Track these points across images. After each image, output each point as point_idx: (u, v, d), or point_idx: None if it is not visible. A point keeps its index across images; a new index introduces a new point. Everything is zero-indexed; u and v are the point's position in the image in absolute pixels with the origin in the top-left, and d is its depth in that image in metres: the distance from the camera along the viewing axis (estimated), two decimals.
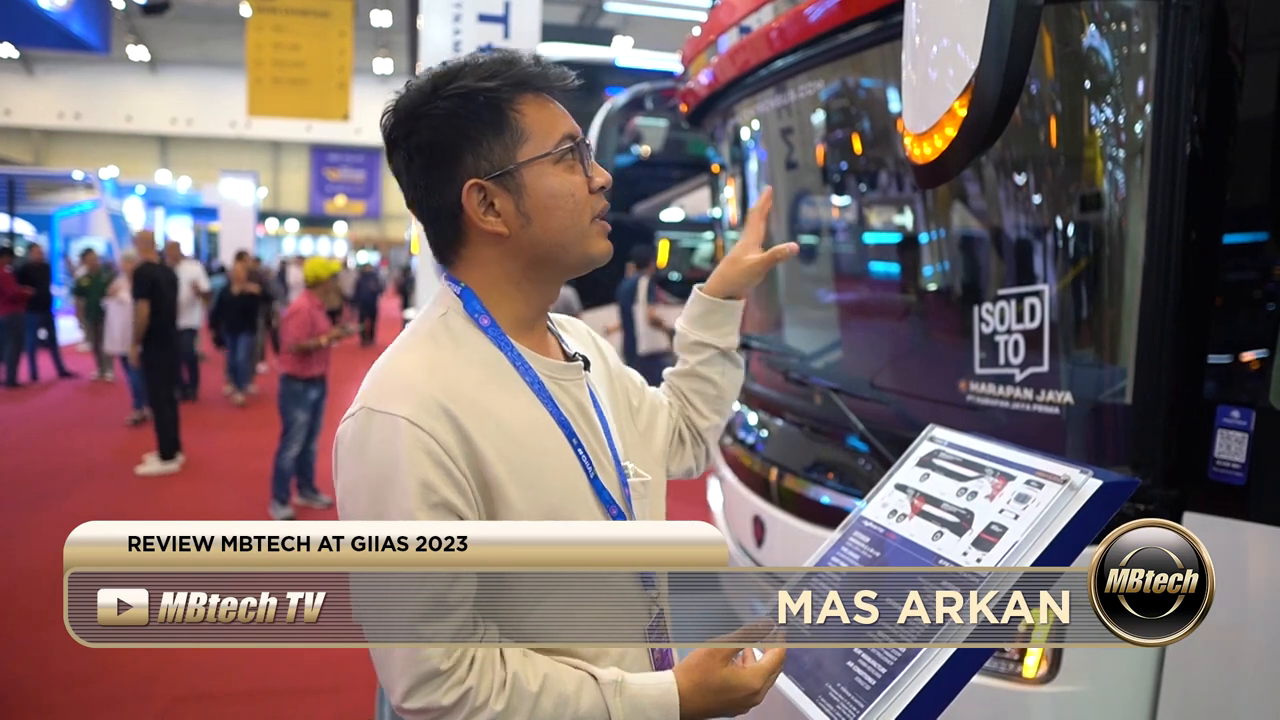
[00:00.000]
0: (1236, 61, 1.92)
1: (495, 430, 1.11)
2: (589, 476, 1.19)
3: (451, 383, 1.11)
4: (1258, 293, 1.94)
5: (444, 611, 1.04)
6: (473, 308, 1.19)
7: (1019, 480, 1.45)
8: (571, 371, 1.25)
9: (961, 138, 1.50)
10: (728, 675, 1.14)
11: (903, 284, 2.99)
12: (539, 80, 1.17)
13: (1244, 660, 1.89)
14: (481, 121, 1.13)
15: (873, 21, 2.51)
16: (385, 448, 1.06)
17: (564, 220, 1.16)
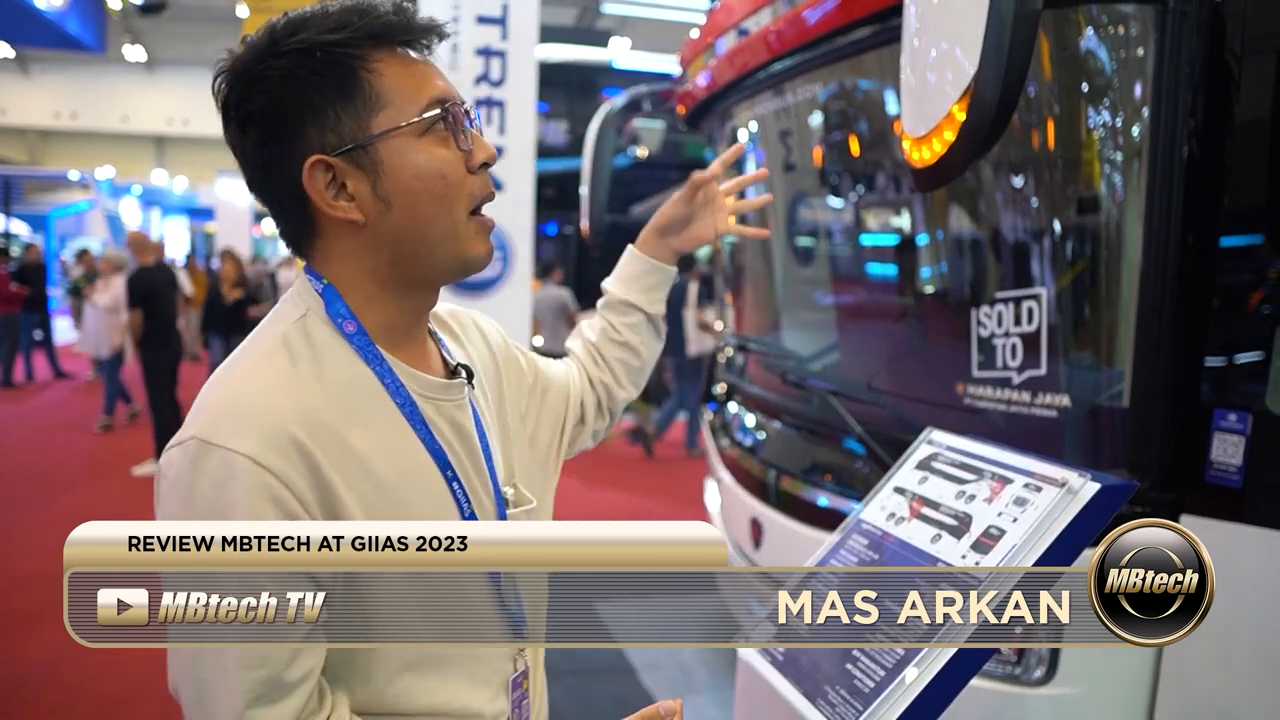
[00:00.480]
0: (1233, 65, 1.92)
1: (356, 468, 0.92)
2: (463, 514, 1.01)
3: (309, 409, 0.90)
4: (1255, 296, 1.95)
5: (285, 691, 0.88)
6: (336, 310, 0.97)
7: (1017, 483, 1.46)
8: (453, 391, 1.04)
9: (960, 142, 1.51)
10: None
11: (900, 286, 3.00)
12: (400, 31, 0.94)
13: (1241, 662, 1.90)
14: (326, 84, 0.91)
15: (870, 25, 2.52)
16: (219, 492, 0.86)
17: (432, 208, 0.94)
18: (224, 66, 0.96)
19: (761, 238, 1.39)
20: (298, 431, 0.88)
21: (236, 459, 0.85)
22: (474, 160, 0.96)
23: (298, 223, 0.98)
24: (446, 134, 0.95)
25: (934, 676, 1.27)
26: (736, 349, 4.13)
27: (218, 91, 0.97)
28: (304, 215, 0.97)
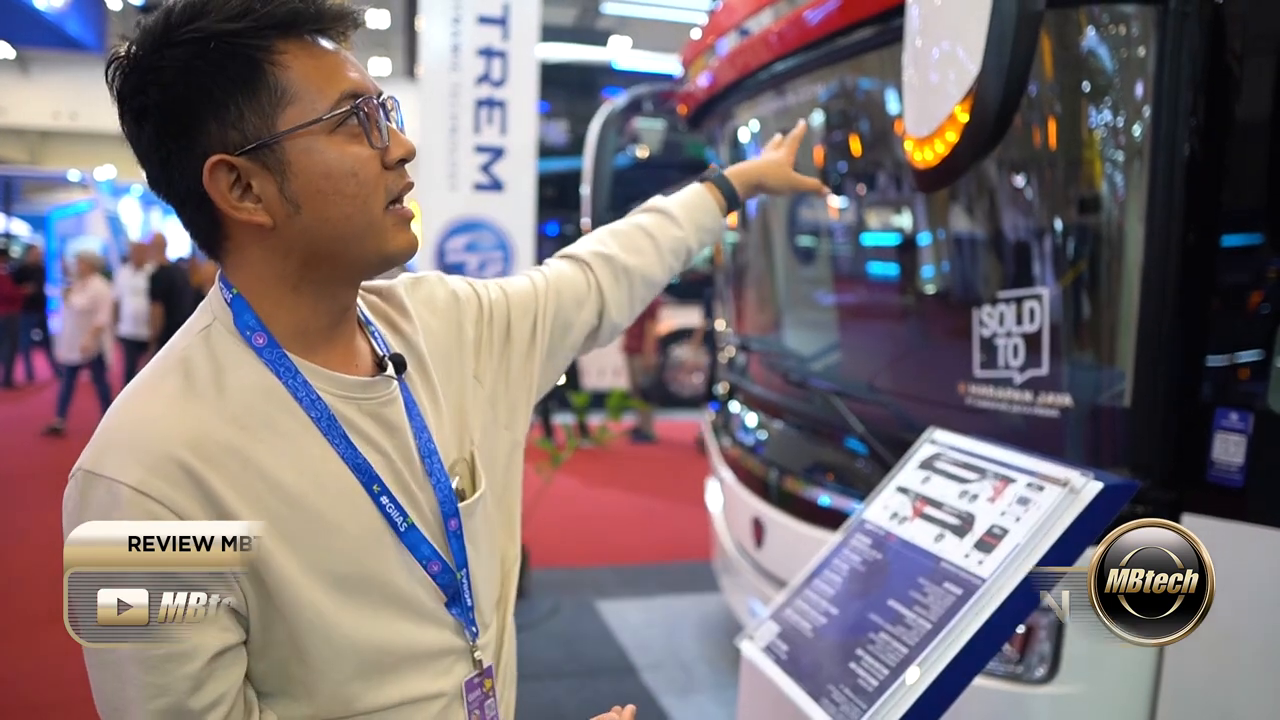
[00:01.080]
0: (1234, 65, 1.93)
1: (261, 488, 0.87)
2: (398, 530, 0.95)
3: (202, 429, 0.85)
4: (1255, 295, 1.95)
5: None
6: (244, 321, 0.91)
7: (1020, 483, 1.46)
8: (378, 388, 0.97)
9: (963, 143, 1.51)
10: None
11: (902, 286, 3.00)
12: (308, 20, 0.88)
13: (1242, 661, 1.91)
14: (226, 77, 0.84)
15: (872, 26, 2.52)
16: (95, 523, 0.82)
17: (344, 208, 0.88)
18: (115, 54, 0.88)
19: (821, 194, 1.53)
20: (185, 455, 0.84)
21: (120, 489, 0.82)
22: (390, 156, 0.91)
23: (203, 225, 0.92)
24: (359, 130, 0.89)
25: (937, 675, 1.28)
26: (738, 348, 4.14)
27: (110, 81, 0.88)
28: (209, 217, 0.91)
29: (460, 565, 1.01)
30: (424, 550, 0.97)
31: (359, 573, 0.92)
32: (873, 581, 1.52)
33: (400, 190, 0.92)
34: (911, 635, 1.35)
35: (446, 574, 0.99)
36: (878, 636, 1.40)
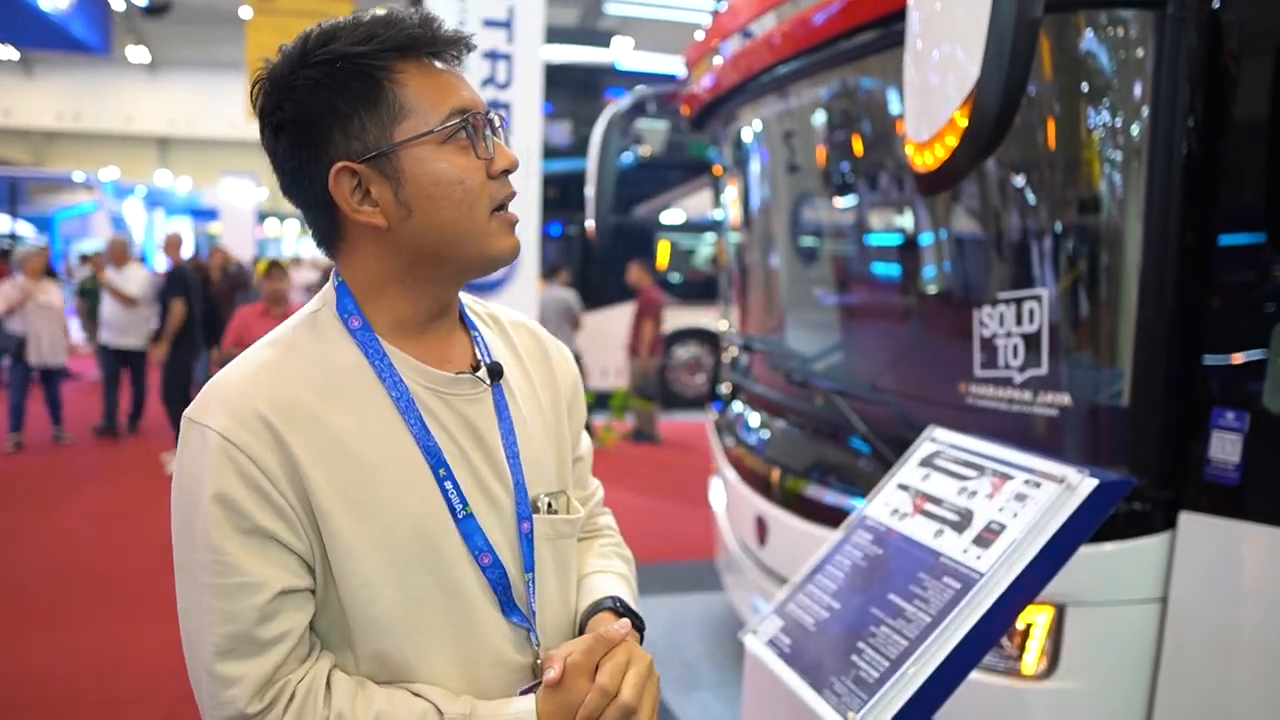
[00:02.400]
0: (1231, 67, 1.95)
1: (333, 450, 0.95)
2: (455, 516, 1.00)
3: (285, 392, 0.95)
4: (1253, 295, 1.98)
5: (258, 649, 0.92)
6: (344, 306, 1.03)
7: (1018, 480, 1.49)
8: (462, 385, 1.05)
9: (963, 147, 1.54)
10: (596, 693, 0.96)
11: (903, 287, 3.03)
12: (424, 43, 0.98)
13: (1238, 656, 1.93)
14: (351, 94, 0.95)
15: (874, 29, 2.55)
16: (194, 464, 0.93)
17: (451, 213, 0.98)
18: (261, 75, 0.99)
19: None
20: (268, 412, 0.93)
21: (208, 434, 0.92)
22: (494, 167, 0.99)
23: (324, 226, 1.03)
24: (467, 143, 0.98)
25: (937, 666, 1.31)
26: (741, 348, 4.16)
27: (254, 98, 1.00)
28: (331, 219, 1.01)
29: (528, 569, 1.06)
30: (477, 540, 1.02)
31: (409, 548, 0.98)
32: (874, 576, 1.55)
33: (504, 198, 1.01)
34: (911, 628, 1.38)
35: (497, 568, 1.03)
36: (878, 629, 1.43)
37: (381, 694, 0.96)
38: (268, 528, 0.92)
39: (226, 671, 0.91)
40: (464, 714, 0.95)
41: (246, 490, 0.92)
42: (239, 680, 0.91)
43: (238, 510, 0.91)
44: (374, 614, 0.97)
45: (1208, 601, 1.98)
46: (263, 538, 0.93)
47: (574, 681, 0.96)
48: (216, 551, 0.91)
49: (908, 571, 1.49)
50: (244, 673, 0.91)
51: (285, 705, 0.92)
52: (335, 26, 0.96)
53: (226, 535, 0.91)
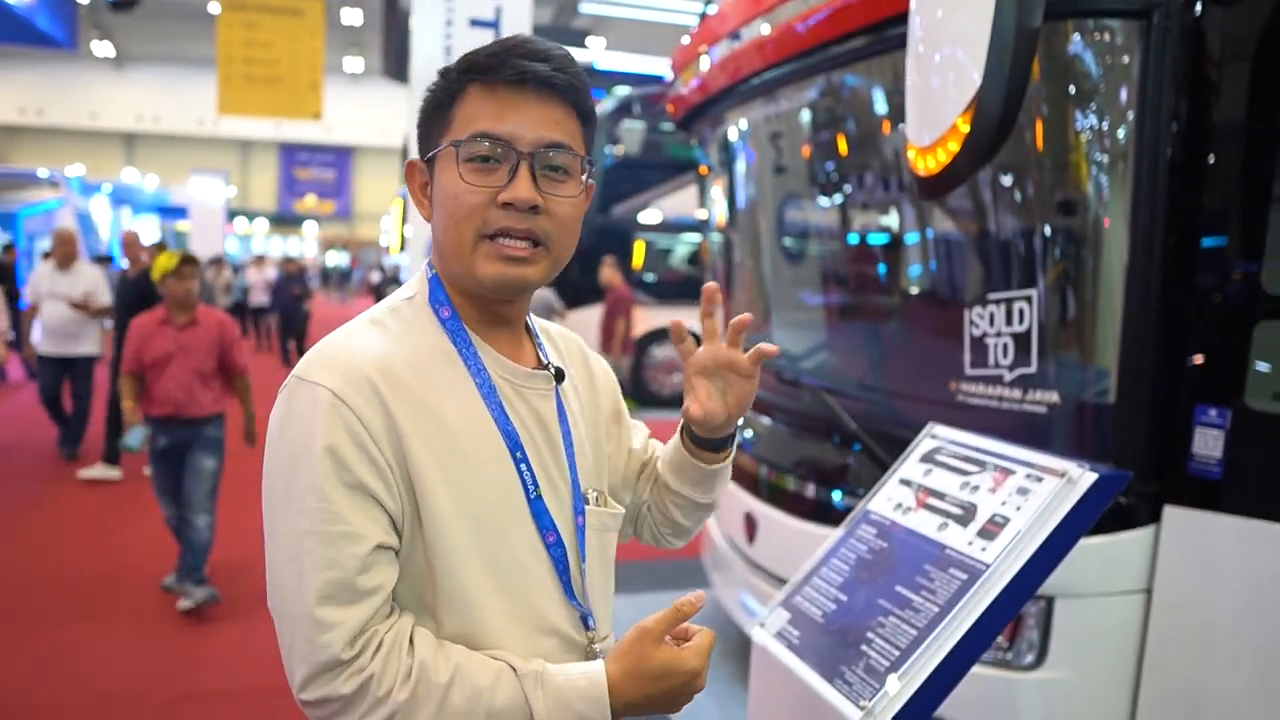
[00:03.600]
0: (1213, 74, 2.02)
1: (429, 422, 1.03)
2: (528, 495, 1.08)
3: (389, 364, 1.03)
4: (1234, 295, 2.04)
5: (355, 597, 0.97)
6: (435, 298, 1.11)
7: (1019, 474, 1.54)
8: (536, 380, 1.14)
9: (965, 151, 1.58)
10: (664, 658, 1.00)
11: (893, 287, 3.08)
12: (486, 70, 1.05)
13: (1219, 645, 1.99)
14: (434, 103, 1.09)
15: (864, 36, 2.60)
16: (305, 419, 0.99)
17: (444, 223, 1.06)
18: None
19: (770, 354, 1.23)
20: (375, 377, 1.00)
21: (321, 391, 0.98)
22: (499, 196, 1.03)
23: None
24: (483, 166, 1.03)
25: (948, 653, 1.35)
26: None
27: None
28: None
29: (583, 559, 1.13)
30: (545, 520, 1.09)
31: (491, 518, 1.05)
32: (880, 569, 1.59)
33: (496, 227, 1.03)
34: (920, 618, 1.43)
35: (559, 548, 1.10)
36: (887, 620, 1.47)
37: (459, 650, 1.01)
38: (368, 484, 0.98)
39: (326, 616, 0.95)
40: (537, 671, 0.99)
41: (353, 446, 0.97)
42: (336, 625, 0.95)
43: (344, 463, 0.97)
44: (460, 581, 1.03)
45: (1190, 592, 2.05)
46: (363, 493, 0.98)
47: (643, 646, 1.00)
48: (324, 499, 0.96)
49: (914, 564, 1.53)
50: (342, 619, 0.96)
51: (374, 653, 0.97)
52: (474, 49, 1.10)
53: (334, 485, 0.96)
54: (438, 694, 0.96)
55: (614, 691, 0.99)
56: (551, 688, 0.98)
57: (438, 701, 0.96)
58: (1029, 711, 2.16)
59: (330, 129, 31.65)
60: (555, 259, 1.09)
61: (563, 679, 0.99)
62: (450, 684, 0.97)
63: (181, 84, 31.97)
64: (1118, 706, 2.15)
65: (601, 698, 0.98)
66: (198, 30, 24.86)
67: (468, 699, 0.97)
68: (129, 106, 32.87)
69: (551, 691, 0.98)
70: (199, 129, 32.80)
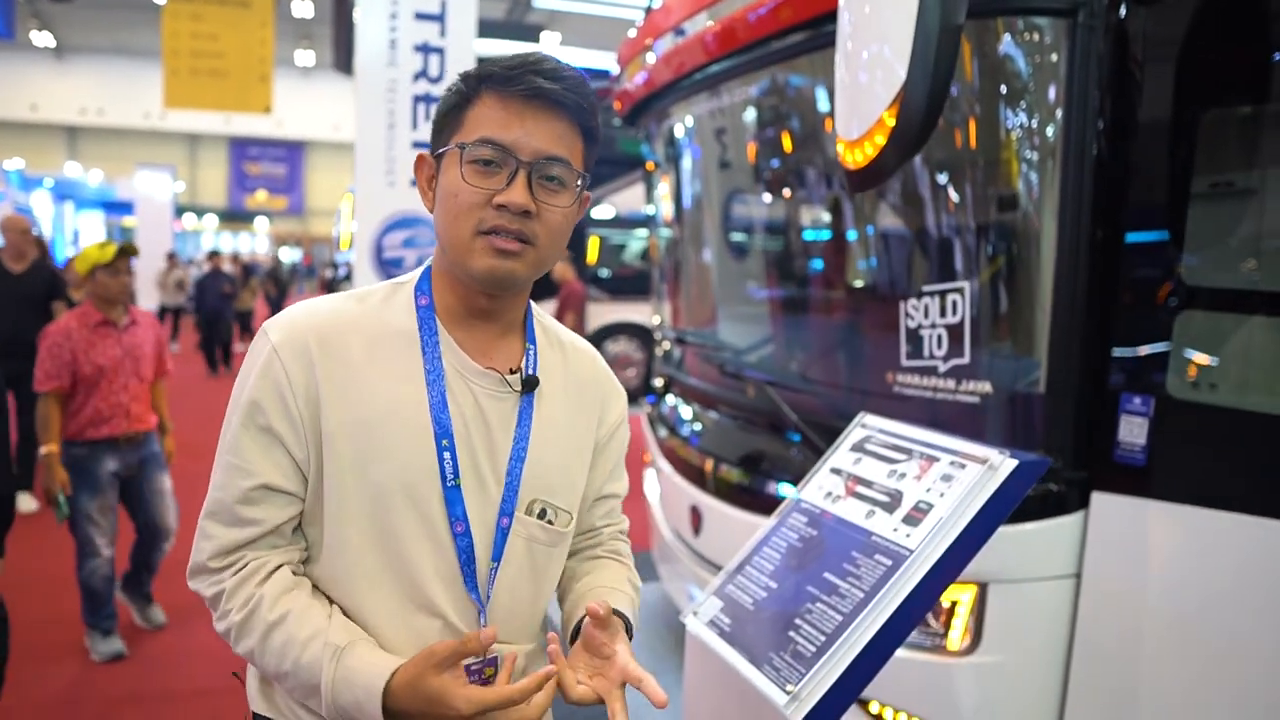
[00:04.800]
0: (1136, 72, 2.07)
1: (353, 391, 1.13)
2: (444, 481, 1.14)
3: (335, 333, 1.15)
4: (1158, 289, 2.10)
5: (233, 521, 1.12)
6: (420, 286, 1.22)
7: (944, 462, 1.58)
8: (488, 380, 1.19)
9: (891, 145, 1.61)
10: (437, 687, 1.03)
11: (831, 281, 3.12)
12: (499, 80, 1.14)
13: (1146, 626, 2.05)
14: (451, 104, 1.17)
15: (804, 30, 2.62)
16: (251, 363, 1.15)
17: (444, 219, 1.15)
18: None
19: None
20: (312, 341, 1.13)
21: (267, 344, 1.13)
22: (494, 198, 1.11)
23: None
24: (482, 168, 1.12)
25: (871, 638, 1.38)
26: (674, 342, 4.22)
27: None
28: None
29: (495, 559, 1.18)
30: (457, 510, 1.15)
31: (391, 495, 1.13)
32: (809, 556, 1.61)
33: (491, 225, 1.12)
34: (846, 603, 1.45)
35: (466, 538, 1.16)
36: (814, 606, 1.50)
37: (303, 601, 1.12)
38: (278, 430, 1.11)
39: (207, 527, 1.13)
40: (340, 645, 1.08)
41: (274, 396, 1.11)
42: (212, 537, 1.13)
43: (261, 409, 1.11)
44: (344, 535, 1.13)
45: (1117, 575, 2.11)
46: (271, 437, 1.12)
47: (424, 666, 1.04)
48: (235, 435, 1.12)
49: (841, 551, 1.56)
50: (217, 534, 1.13)
51: (234, 572, 1.12)
52: (494, 58, 1.18)
53: (245, 425, 1.12)
54: (261, 628, 1.09)
55: (390, 692, 1.04)
56: (344, 665, 1.06)
57: (260, 634, 1.09)
58: (965, 695, 2.21)
59: (281, 123, 31.19)
60: (541, 259, 1.16)
61: (356, 661, 1.07)
62: (275, 624, 1.09)
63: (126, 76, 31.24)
64: (1050, 688, 2.20)
65: (376, 693, 1.03)
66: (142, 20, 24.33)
67: (283, 643, 1.08)
68: (71, 98, 32.06)
69: (343, 668, 1.06)
70: (145, 122, 32.09)
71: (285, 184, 36.94)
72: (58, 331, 3.73)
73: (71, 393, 3.71)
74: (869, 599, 1.42)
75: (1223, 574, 1.94)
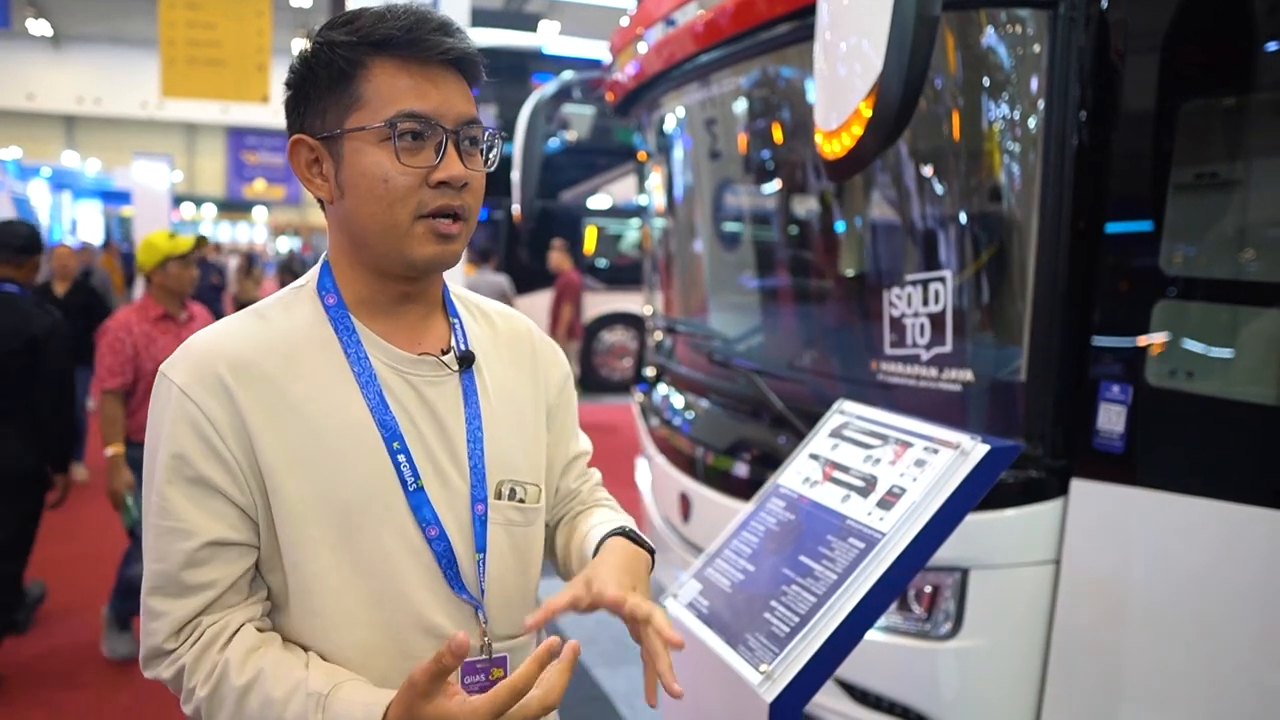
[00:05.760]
0: (1117, 64, 2.09)
1: (285, 413, 1.01)
2: (405, 487, 1.05)
3: (246, 356, 1.02)
4: (1136, 279, 2.12)
5: (181, 591, 0.99)
6: (322, 284, 1.10)
7: (918, 447, 1.60)
8: (424, 367, 1.10)
9: (867, 135, 1.63)
10: (432, 714, 0.90)
11: (818, 270, 3.14)
12: (398, 44, 1.00)
13: (1124, 610, 2.08)
14: (323, 76, 1.02)
15: (792, 20, 2.64)
16: (159, 413, 1.02)
17: (372, 206, 1.02)
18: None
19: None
20: (224, 372, 1.00)
21: (172, 387, 1.01)
22: (432, 176, 1.01)
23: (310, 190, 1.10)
24: (410, 145, 1.00)
25: (843, 620, 1.41)
26: (665, 332, 4.25)
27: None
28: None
29: (479, 549, 1.10)
30: (426, 513, 1.06)
31: (355, 513, 1.03)
32: (785, 540, 1.64)
33: (435, 207, 1.02)
34: (819, 586, 1.48)
35: (442, 541, 1.07)
36: (789, 588, 1.53)
37: (274, 656, 1.00)
38: (211, 478, 0.99)
39: (154, 605, 1.01)
40: (321, 693, 0.96)
41: (196, 441, 0.99)
42: (162, 615, 1.00)
43: (185, 459, 0.99)
44: (309, 572, 1.02)
45: (1095, 562, 2.13)
46: (205, 487, 0.99)
47: (411, 698, 0.91)
48: (162, 495, 0.99)
49: (817, 534, 1.59)
50: (167, 610, 1.00)
51: (191, 644, 1.00)
52: (350, 14, 1.03)
53: (171, 481, 0.99)
54: (234, 695, 0.98)
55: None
56: (330, 714, 0.95)
57: (233, 704, 0.98)
58: (946, 679, 2.24)
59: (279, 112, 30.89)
60: (470, 231, 1.08)
61: (342, 707, 0.95)
62: (247, 689, 0.97)
63: (123, 65, 31.15)
64: (1029, 672, 2.23)
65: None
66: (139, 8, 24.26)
67: (260, 707, 0.97)
68: (68, 87, 31.97)
69: (330, 717, 0.95)
70: (142, 112, 32.01)
71: (283, 173, 36.84)
72: (118, 326, 3.55)
73: (132, 390, 3.53)
74: (841, 581, 1.45)
75: (1200, 560, 1.97)
